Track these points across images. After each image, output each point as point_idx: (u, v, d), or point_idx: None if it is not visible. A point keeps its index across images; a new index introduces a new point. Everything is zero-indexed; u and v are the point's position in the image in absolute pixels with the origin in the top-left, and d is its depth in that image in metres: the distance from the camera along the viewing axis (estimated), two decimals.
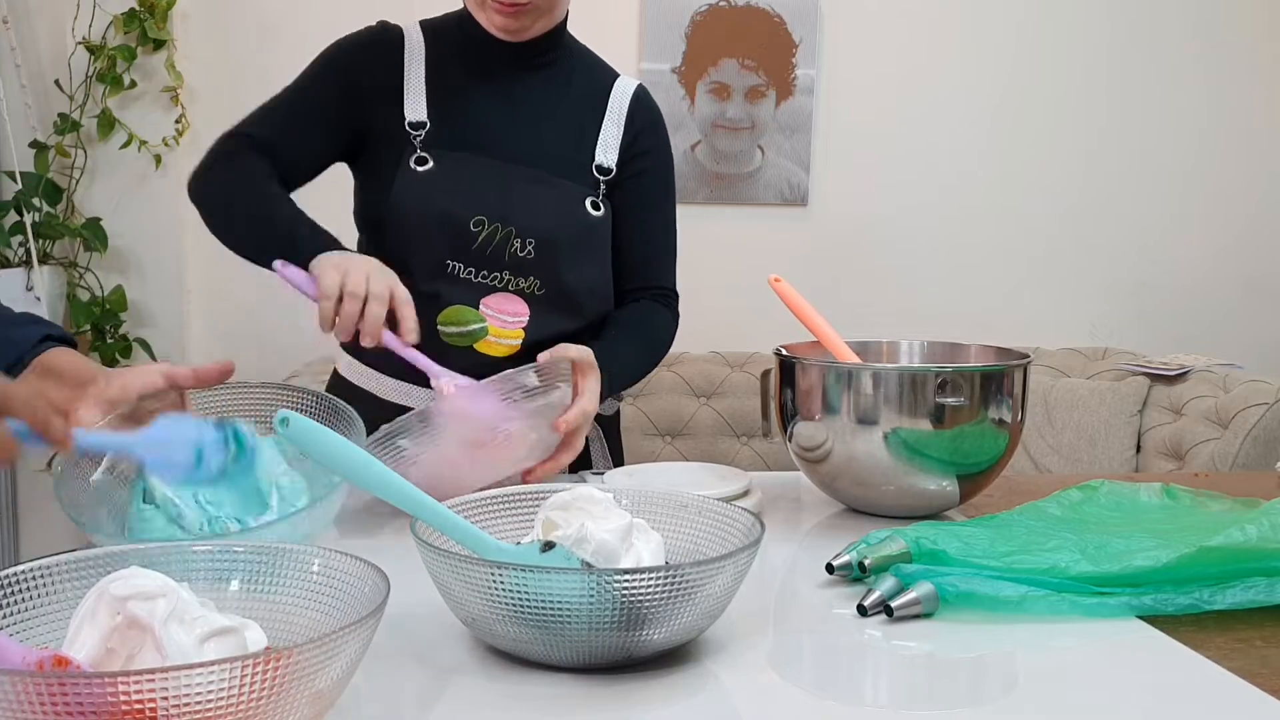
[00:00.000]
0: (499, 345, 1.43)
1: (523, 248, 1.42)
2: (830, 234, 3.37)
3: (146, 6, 2.88)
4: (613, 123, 1.54)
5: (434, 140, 1.45)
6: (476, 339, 1.42)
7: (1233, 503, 1.22)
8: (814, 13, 3.25)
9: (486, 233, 1.41)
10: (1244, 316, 3.60)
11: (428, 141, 1.45)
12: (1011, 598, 0.95)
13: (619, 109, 1.54)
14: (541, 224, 1.44)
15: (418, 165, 1.43)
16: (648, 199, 1.56)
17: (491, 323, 1.43)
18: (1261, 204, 3.60)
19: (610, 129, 1.53)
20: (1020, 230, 3.49)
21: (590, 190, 1.50)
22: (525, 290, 1.44)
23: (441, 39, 1.51)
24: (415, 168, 1.43)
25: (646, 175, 1.56)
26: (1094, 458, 3.11)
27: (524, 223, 1.43)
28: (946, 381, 1.18)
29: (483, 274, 1.42)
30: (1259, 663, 0.88)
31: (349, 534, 1.17)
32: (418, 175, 1.43)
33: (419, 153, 1.44)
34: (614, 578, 0.79)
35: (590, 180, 1.50)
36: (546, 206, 1.45)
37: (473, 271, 1.42)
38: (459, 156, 1.45)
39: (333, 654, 0.63)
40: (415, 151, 1.44)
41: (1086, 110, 3.48)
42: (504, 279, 1.43)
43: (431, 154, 1.44)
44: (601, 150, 1.52)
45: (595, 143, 1.52)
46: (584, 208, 1.48)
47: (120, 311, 2.97)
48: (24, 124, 2.86)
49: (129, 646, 0.66)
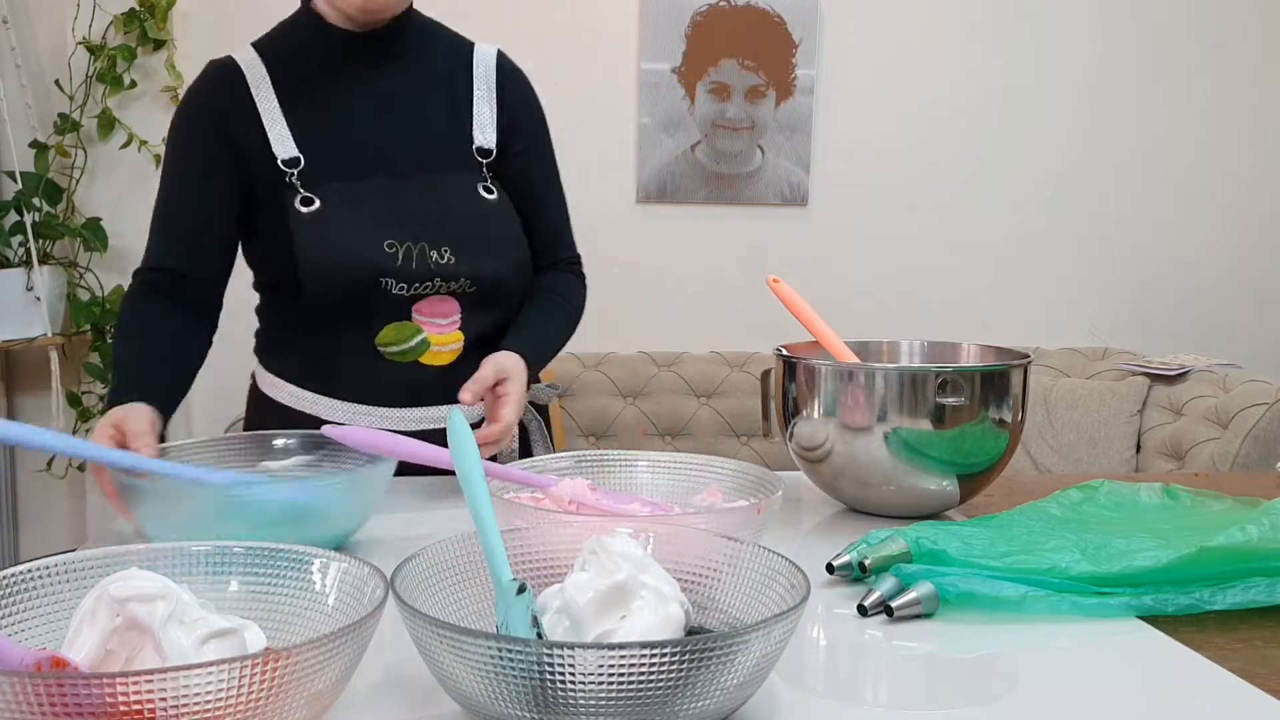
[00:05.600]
0: (443, 354, 1.42)
1: (441, 255, 1.39)
2: (830, 234, 3.37)
3: (146, 6, 2.88)
4: (484, 100, 1.47)
5: (313, 176, 1.38)
6: (420, 353, 1.41)
7: (1233, 503, 1.22)
8: (814, 13, 3.25)
9: (402, 251, 1.37)
10: (1244, 316, 3.60)
11: (306, 179, 1.38)
12: (1012, 598, 0.95)
13: (487, 83, 1.48)
14: (448, 227, 1.40)
15: (304, 206, 1.36)
16: (539, 174, 1.53)
17: (429, 331, 1.40)
18: (1261, 204, 3.60)
19: (482, 108, 1.47)
20: (1020, 230, 3.49)
21: (477, 175, 1.45)
22: (457, 291, 1.41)
23: (281, 53, 1.43)
24: (302, 209, 1.36)
25: (532, 151, 1.52)
26: (1094, 458, 3.11)
27: (430, 232, 1.39)
28: (946, 381, 1.18)
29: (415, 287, 1.38)
30: (1259, 663, 0.88)
31: (351, 536, 1.17)
32: (309, 217, 1.36)
33: (302, 193, 1.37)
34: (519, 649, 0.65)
35: (474, 165, 1.46)
36: (445, 209, 1.41)
37: (404, 288, 1.38)
38: (344, 186, 1.38)
39: (332, 655, 0.63)
40: (298, 193, 1.37)
41: (1086, 110, 3.48)
42: (435, 285, 1.39)
43: (315, 191, 1.37)
44: (479, 131, 1.46)
45: (470, 124, 1.46)
46: (479, 194, 1.44)
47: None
48: (24, 124, 2.87)
49: (128, 648, 0.66)
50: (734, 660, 0.67)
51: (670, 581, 0.77)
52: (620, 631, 0.73)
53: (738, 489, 1.10)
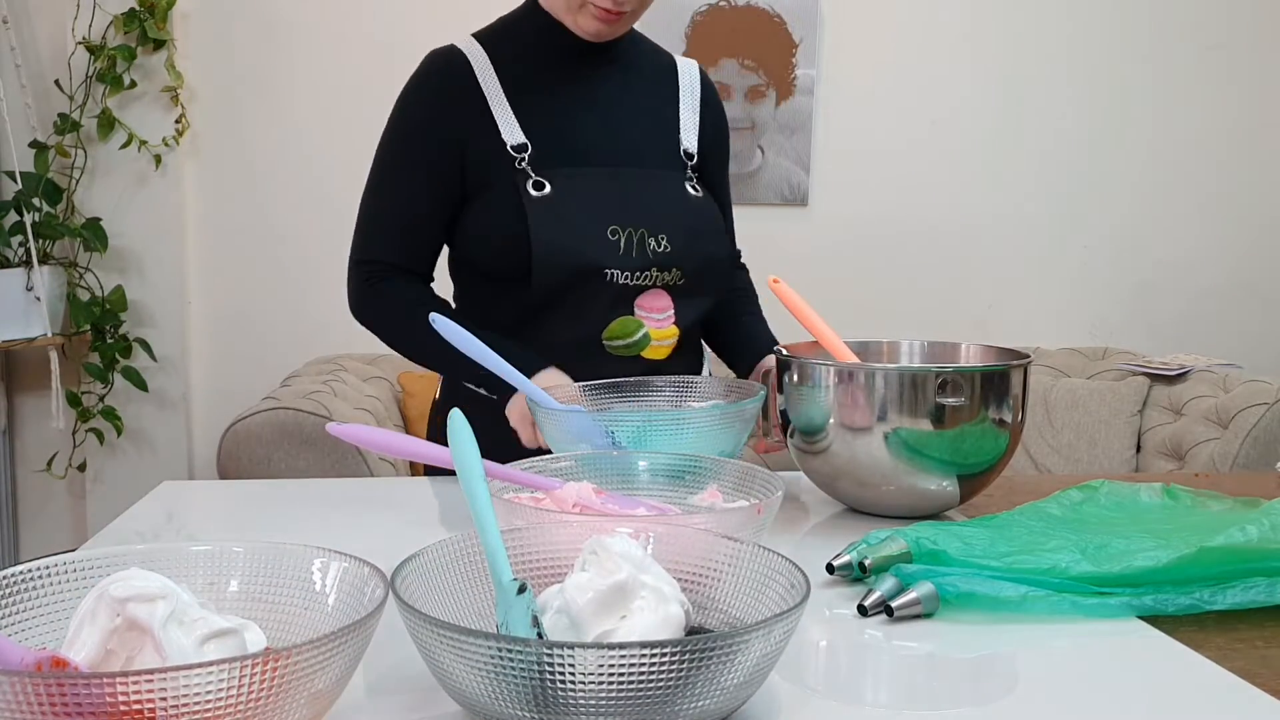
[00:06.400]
0: (660, 348, 1.47)
1: (659, 243, 1.45)
2: (830, 234, 3.37)
3: (146, 6, 2.88)
4: (689, 108, 1.56)
5: (541, 161, 1.43)
6: (642, 348, 1.46)
7: (1233, 503, 1.22)
8: (814, 13, 3.25)
9: (624, 237, 1.43)
10: (1244, 316, 3.60)
11: (536, 163, 1.43)
12: (1012, 598, 0.95)
13: (691, 93, 1.57)
14: (665, 217, 1.46)
15: (535, 190, 1.41)
16: (722, 177, 1.63)
17: (649, 326, 1.45)
18: (1262, 204, 3.60)
19: (688, 115, 1.56)
20: (1020, 230, 3.49)
21: (684, 174, 1.53)
22: (669, 283, 1.46)
23: (509, 48, 1.48)
24: (534, 193, 1.41)
25: (720, 161, 1.62)
26: (1094, 458, 3.11)
27: (651, 220, 1.45)
28: (947, 381, 1.18)
29: (637, 275, 1.44)
30: (1259, 663, 0.88)
31: (352, 534, 1.17)
32: (543, 200, 1.41)
33: (533, 177, 1.42)
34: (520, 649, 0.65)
35: (680, 164, 1.53)
36: (662, 200, 1.48)
37: (628, 276, 1.43)
38: (570, 171, 1.44)
39: (332, 655, 0.63)
40: (529, 177, 1.42)
41: (1087, 110, 3.48)
42: (652, 276, 1.45)
43: (544, 175, 1.42)
44: (685, 135, 1.55)
45: (677, 128, 1.55)
46: (688, 191, 1.51)
47: (120, 311, 2.97)
48: (24, 124, 2.87)
49: (128, 648, 0.66)
50: (734, 660, 0.67)
51: (670, 581, 0.77)
52: (620, 631, 0.73)
53: (738, 489, 1.10)
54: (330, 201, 3.16)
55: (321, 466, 2.48)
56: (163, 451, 3.08)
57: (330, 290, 3.24)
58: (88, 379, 2.96)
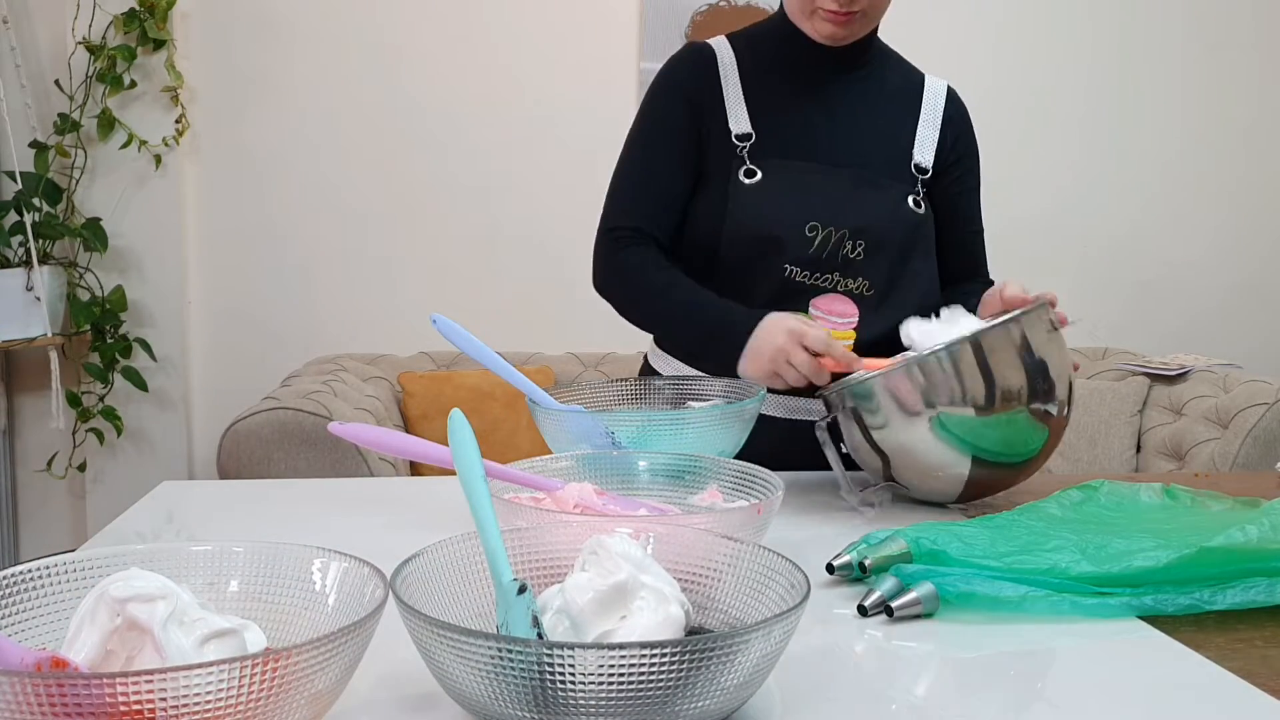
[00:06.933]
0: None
1: (853, 250, 1.46)
2: None
3: (146, 6, 2.88)
4: (928, 124, 1.57)
5: (760, 150, 1.48)
6: None
7: (1233, 503, 1.22)
8: None
9: (821, 237, 1.45)
10: (1244, 316, 3.60)
11: (754, 152, 1.48)
12: (1012, 598, 0.95)
13: (934, 110, 1.58)
14: (870, 224, 1.47)
15: (746, 178, 1.46)
16: (970, 202, 1.63)
17: (824, 325, 1.44)
18: (1262, 204, 3.60)
19: (926, 131, 1.57)
20: (1020, 230, 3.48)
21: (910, 188, 1.52)
22: (854, 291, 1.47)
23: (754, 50, 1.54)
24: (744, 180, 1.46)
25: (966, 182, 1.61)
26: (1094, 458, 3.11)
27: (854, 224, 1.46)
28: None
29: (816, 276, 1.45)
30: (1259, 663, 0.88)
31: (352, 534, 1.17)
32: (749, 187, 1.46)
33: (747, 164, 1.47)
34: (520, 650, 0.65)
35: (909, 178, 1.53)
36: (874, 207, 1.48)
37: (807, 275, 1.45)
38: (785, 164, 1.48)
39: (332, 655, 0.63)
40: (744, 164, 1.47)
41: (1087, 110, 3.48)
42: (834, 280, 1.46)
43: (759, 165, 1.47)
44: (919, 150, 1.55)
45: (912, 142, 1.55)
46: (908, 206, 1.51)
47: (120, 311, 2.97)
48: (24, 124, 2.87)
49: (128, 648, 0.66)
50: (734, 660, 0.67)
51: (670, 582, 0.77)
52: (620, 632, 0.73)
53: (738, 489, 1.10)
54: (330, 201, 3.16)
55: (321, 466, 2.48)
56: (163, 451, 3.08)
57: (330, 290, 3.25)
58: (88, 379, 2.96)
